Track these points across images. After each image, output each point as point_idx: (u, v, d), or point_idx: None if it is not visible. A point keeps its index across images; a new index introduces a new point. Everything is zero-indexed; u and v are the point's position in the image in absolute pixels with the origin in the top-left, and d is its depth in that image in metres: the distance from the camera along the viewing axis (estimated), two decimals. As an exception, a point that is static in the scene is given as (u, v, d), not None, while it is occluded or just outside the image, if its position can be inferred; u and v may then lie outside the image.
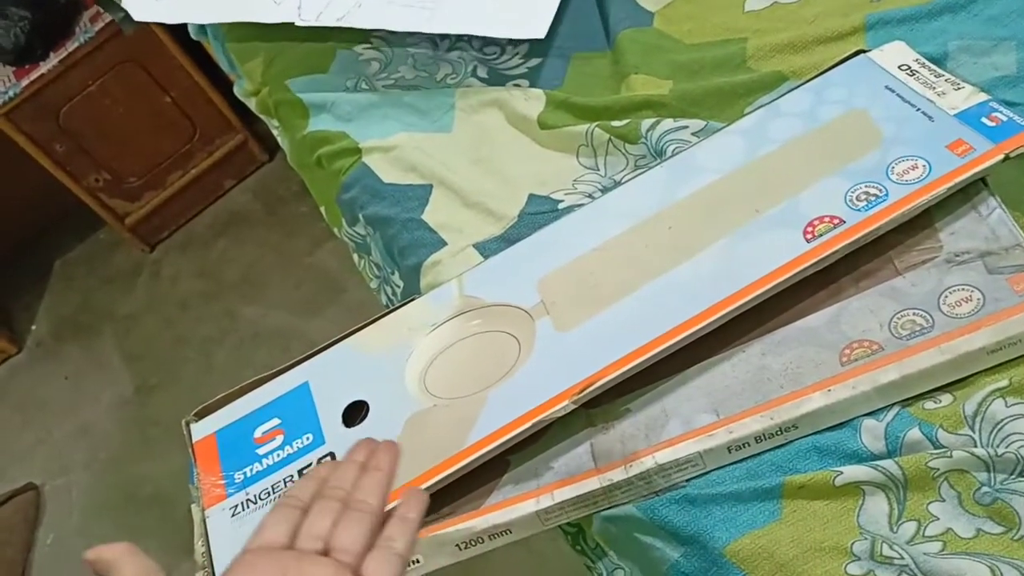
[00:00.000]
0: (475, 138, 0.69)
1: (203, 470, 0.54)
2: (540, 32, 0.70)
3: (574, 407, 0.48)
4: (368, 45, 0.77)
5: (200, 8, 0.82)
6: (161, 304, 1.64)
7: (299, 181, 1.69)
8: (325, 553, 0.37)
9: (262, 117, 0.90)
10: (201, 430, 0.56)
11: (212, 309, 1.60)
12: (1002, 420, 0.44)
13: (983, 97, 0.51)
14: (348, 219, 0.74)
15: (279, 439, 0.54)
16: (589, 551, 0.58)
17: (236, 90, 0.94)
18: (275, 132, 0.89)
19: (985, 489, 0.43)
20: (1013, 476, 0.42)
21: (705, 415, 0.48)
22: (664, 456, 0.47)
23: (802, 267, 0.48)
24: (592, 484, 0.48)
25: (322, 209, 0.82)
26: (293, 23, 0.77)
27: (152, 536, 1.33)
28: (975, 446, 0.44)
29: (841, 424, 0.47)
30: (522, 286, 0.54)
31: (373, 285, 0.78)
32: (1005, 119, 0.49)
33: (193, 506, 0.56)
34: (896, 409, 0.46)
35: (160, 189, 1.70)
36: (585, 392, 0.48)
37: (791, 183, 0.52)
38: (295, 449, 0.53)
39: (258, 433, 0.54)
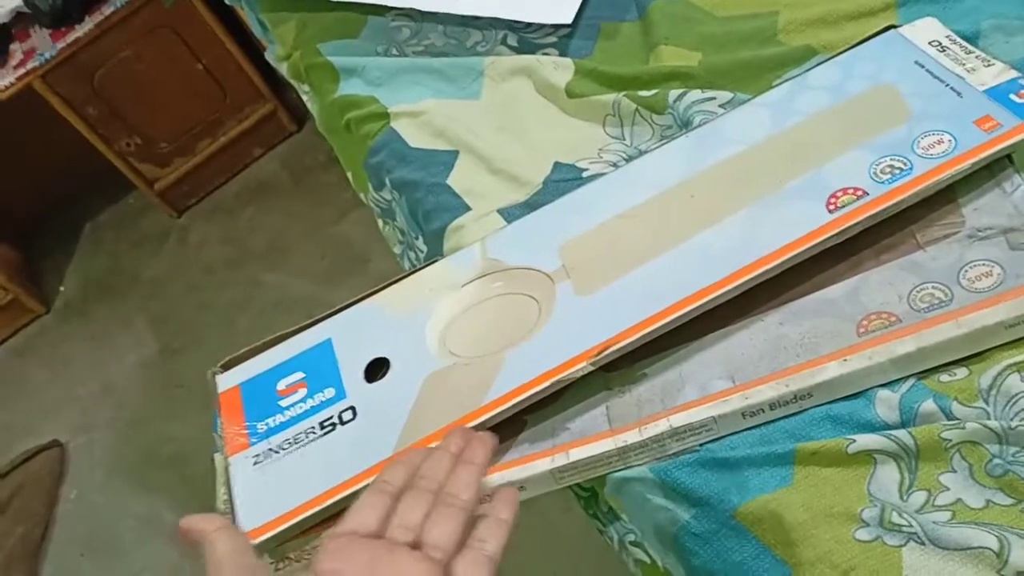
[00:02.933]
0: (503, 106, 0.69)
1: (227, 420, 0.55)
2: (567, 17, 0.70)
3: (592, 369, 0.49)
4: (400, 11, 0.78)
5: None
6: (187, 269, 1.66)
7: (327, 151, 1.73)
8: (415, 545, 0.37)
9: (292, 83, 0.91)
10: (226, 381, 0.58)
11: (237, 276, 1.62)
12: (1017, 394, 0.44)
13: (1013, 74, 0.51)
14: (375, 183, 0.75)
15: (302, 392, 0.55)
16: (601, 515, 0.59)
17: (268, 55, 0.95)
18: (305, 98, 0.90)
19: (997, 461, 0.43)
20: (1026, 449, 0.43)
21: (721, 381, 0.49)
22: (678, 420, 0.48)
23: (823, 237, 0.49)
24: (606, 445, 0.49)
25: (349, 174, 0.83)
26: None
27: (171, 495, 1.36)
28: (988, 419, 0.44)
29: (856, 394, 0.47)
30: (544, 250, 0.55)
31: (397, 251, 0.79)
32: (1034, 96, 0.49)
33: (216, 455, 0.58)
34: (911, 381, 0.46)
35: (190, 155, 1.72)
36: (603, 355, 0.49)
37: (816, 155, 0.52)
38: (317, 402, 0.54)
39: (282, 386, 0.56)
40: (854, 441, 0.45)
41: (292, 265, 1.60)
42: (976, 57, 0.53)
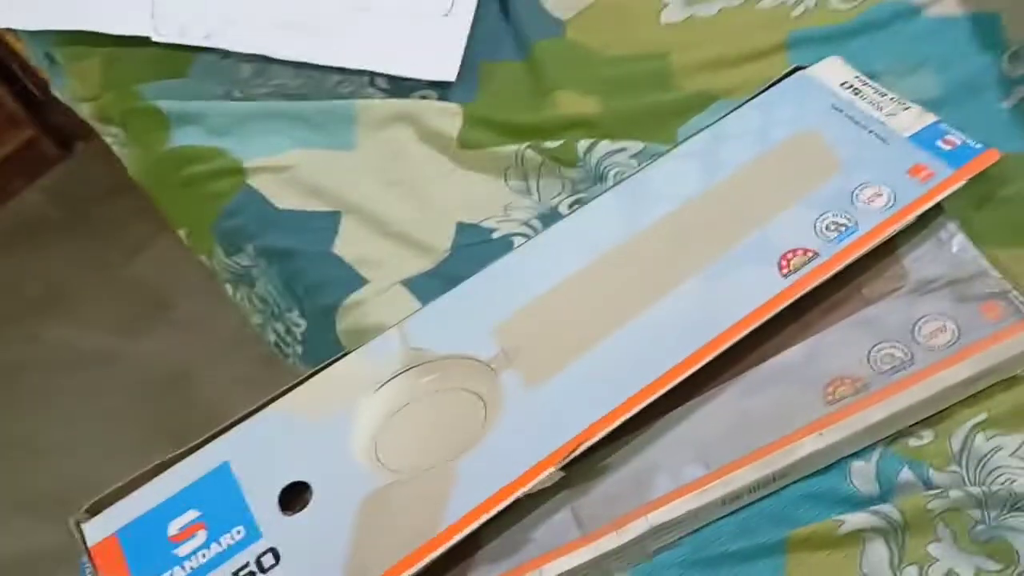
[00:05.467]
0: (385, 157, 0.62)
1: (107, 581, 0.44)
2: (449, 73, 0.63)
3: (562, 475, 0.44)
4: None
5: (25, 11, 0.69)
6: (-58, 330, 1.41)
7: (104, 181, 1.53)
8: None
9: (93, 124, 0.77)
10: (97, 530, 0.46)
11: (9, 333, 1.39)
12: (986, 454, 0.44)
13: (932, 118, 0.52)
14: (227, 249, 0.64)
15: (202, 535, 0.45)
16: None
17: (56, 90, 0.80)
18: (110, 140, 0.77)
19: (980, 527, 0.43)
20: (1006, 511, 0.43)
21: (694, 467, 0.45)
22: (658, 517, 0.44)
23: (782, 305, 0.46)
24: (583, 555, 0.44)
25: (182, 232, 0.71)
26: (148, 37, 0.66)
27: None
28: (965, 484, 0.43)
29: (828, 467, 0.45)
30: (477, 333, 0.49)
31: (256, 320, 0.69)
32: (959, 142, 0.50)
33: (90, 625, 0.46)
34: (879, 448, 0.45)
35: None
36: (570, 456, 0.44)
37: (755, 212, 0.50)
38: (224, 546, 0.44)
39: (173, 530, 0.45)
40: (844, 522, 0.43)
41: (78, 315, 1.40)
42: (891, 100, 0.53)
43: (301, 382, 0.50)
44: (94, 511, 0.47)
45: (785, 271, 0.47)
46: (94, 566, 0.45)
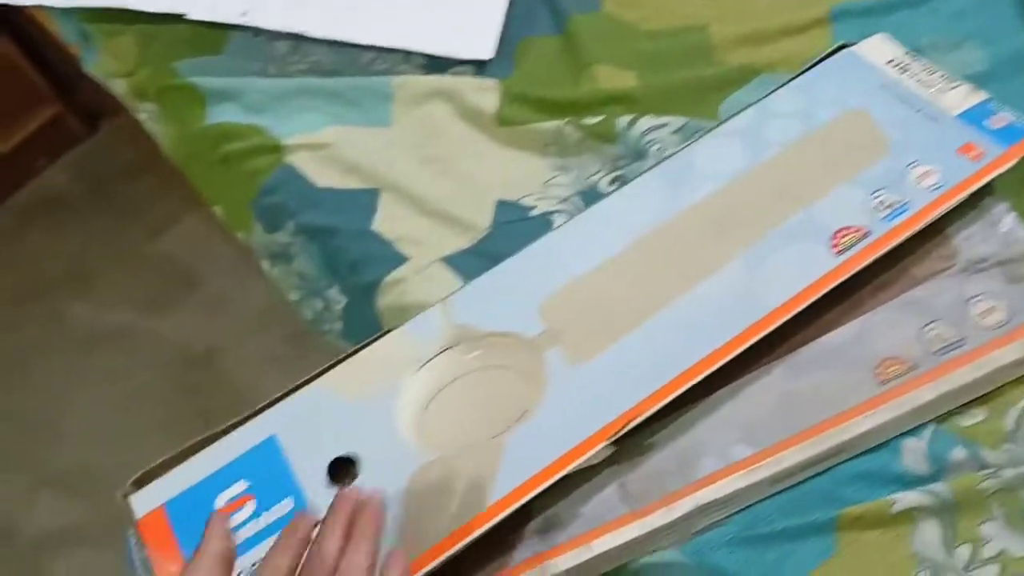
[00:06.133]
0: (421, 134, 0.61)
1: (157, 553, 0.45)
2: (487, 51, 0.63)
3: (612, 451, 0.44)
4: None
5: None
6: (-32, 306, 1.42)
7: (128, 159, 1.53)
8: None
9: (127, 102, 0.77)
10: (144, 502, 0.46)
11: (32, 311, 1.40)
12: (1039, 433, 0.44)
13: (981, 96, 0.51)
14: (266, 226, 0.64)
15: (250, 507, 0.45)
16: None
17: (88, 67, 0.80)
18: (143, 118, 0.77)
19: (1033, 506, 0.42)
20: (1059, 491, 0.42)
21: (741, 447, 0.45)
22: (706, 495, 0.44)
23: (834, 283, 0.46)
24: (632, 531, 0.44)
25: (218, 209, 0.71)
26: (182, 15, 0.66)
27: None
28: (1019, 463, 0.43)
29: (879, 446, 0.45)
30: (521, 311, 0.49)
31: (294, 297, 0.69)
32: (1010, 121, 0.49)
33: (137, 591, 0.47)
34: (932, 427, 0.45)
35: (-42, 171, 1.46)
36: (620, 432, 0.44)
37: (804, 191, 0.49)
38: (274, 517, 0.45)
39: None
40: (896, 501, 0.43)
41: (101, 293, 1.40)
42: (940, 77, 0.52)
43: (345, 359, 0.50)
44: (141, 483, 0.47)
45: (836, 249, 0.47)
46: (142, 538, 0.45)
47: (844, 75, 0.54)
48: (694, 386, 0.45)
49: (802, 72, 0.55)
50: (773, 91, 0.55)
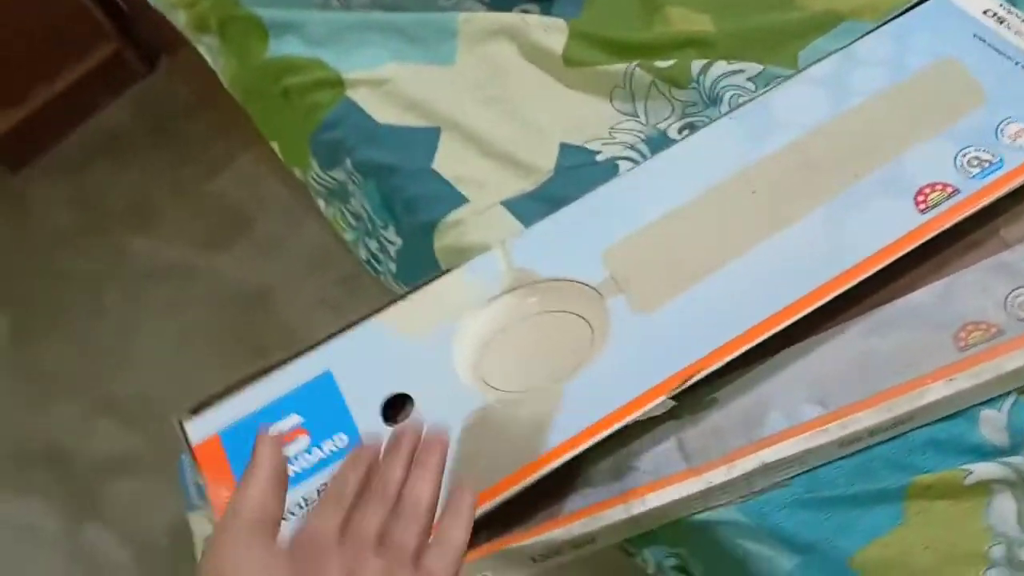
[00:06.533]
0: (485, 73, 0.59)
1: (211, 480, 0.45)
2: None
3: (674, 404, 0.42)
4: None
5: None
6: (32, 237, 1.44)
7: (187, 97, 1.53)
8: (379, 554, 0.36)
9: (188, 33, 0.76)
10: (200, 429, 0.46)
11: (94, 243, 1.42)
12: None
13: (1086, 51, 0.47)
14: (323, 162, 0.63)
15: (304, 440, 0.45)
16: (633, 537, 0.53)
17: (152, -2, 0.80)
18: (202, 49, 0.76)
19: (1118, 483, 0.40)
20: None
21: (810, 407, 0.43)
22: (770, 455, 0.42)
23: (918, 242, 0.44)
24: (691, 486, 0.43)
25: (275, 145, 0.71)
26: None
27: (48, 497, 1.20)
28: (1107, 438, 0.41)
29: (955, 414, 0.43)
30: (584, 258, 0.47)
31: (349, 237, 0.68)
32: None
33: (191, 515, 0.47)
34: (1012, 397, 0.43)
35: (20, 105, 1.48)
36: (684, 386, 0.42)
37: (890, 143, 0.47)
38: (327, 452, 0.44)
39: (275, 434, 0.45)
40: (971, 472, 0.41)
41: (161, 228, 1.42)
42: (1041, 30, 0.49)
43: (403, 297, 0.49)
44: (197, 411, 0.47)
45: (922, 206, 0.44)
46: (197, 464, 0.46)
47: (936, 23, 0.51)
48: (763, 342, 0.44)
49: (891, 19, 0.52)
50: (859, 38, 0.52)
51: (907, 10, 0.52)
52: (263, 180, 1.40)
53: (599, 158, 0.54)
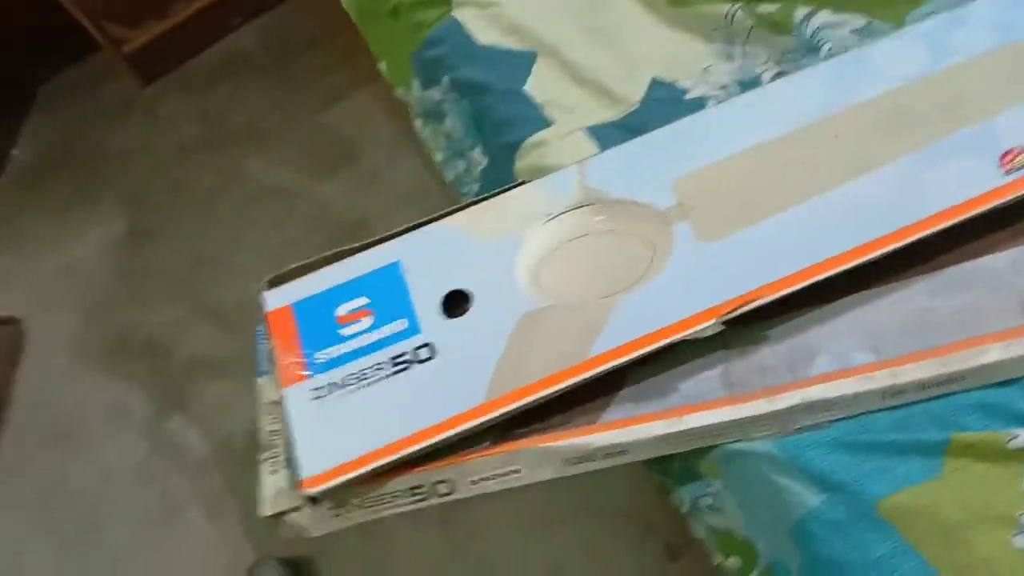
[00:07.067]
0: (589, 4, 0.61)
1: (280, 346, 0.48)
2: None
3: (722, 328, 0.43)
4: None
5: None
6: (158, 145, 1.53)
7: (311, 30, 1.59)
8: None
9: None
10: (275, 299, 0.50)
11: (213, 156, 1.50)
12: None
13: None
14: (424, 80, 0.66)
15: (366, 321, 0.48)
16: (673, 474, 0.54)
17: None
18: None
19: None
20: None
21: (861, 354, 0.43)
22: (814, 393, 0.43)
23: (998, 202, 0.43)
24: (728, 413, 0.43)
25: (383, 64, 0.74)
26: None
27: (141, 385, 1.28)
28: None
29: (1008, 381, 0.42)
30: (655, 184, 0.48)
31: (439, 157, 0.70)
32: None
33: (260, 379, 0.51)
34: (1073, 372, 0.42)
35: (162, 18, 1.56)
36: (735, 313, 0.43)
37: (984, 103, 0.46)
38: (386, 334, 0.47)
39: (342, 311, 0.48)
40: (1016, 436, 0.40)
41: (274, 151, 1.48)
42: None
43: (477, 202, 0.51)
44: (275, 283, 0.50)
45: (1006, 168, 0.43)
46: (269, 330, 0.49)
47: (1057, -9, 0.49)
48: (822, 286, 0.44)
49: (1010, -17, 0.50)
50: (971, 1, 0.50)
51: (1027, -23, 0.50)
52: (371, 117, 1.44)
53: (688, 96, 0.55)
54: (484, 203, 0.51)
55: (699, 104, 0.54)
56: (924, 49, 0.49)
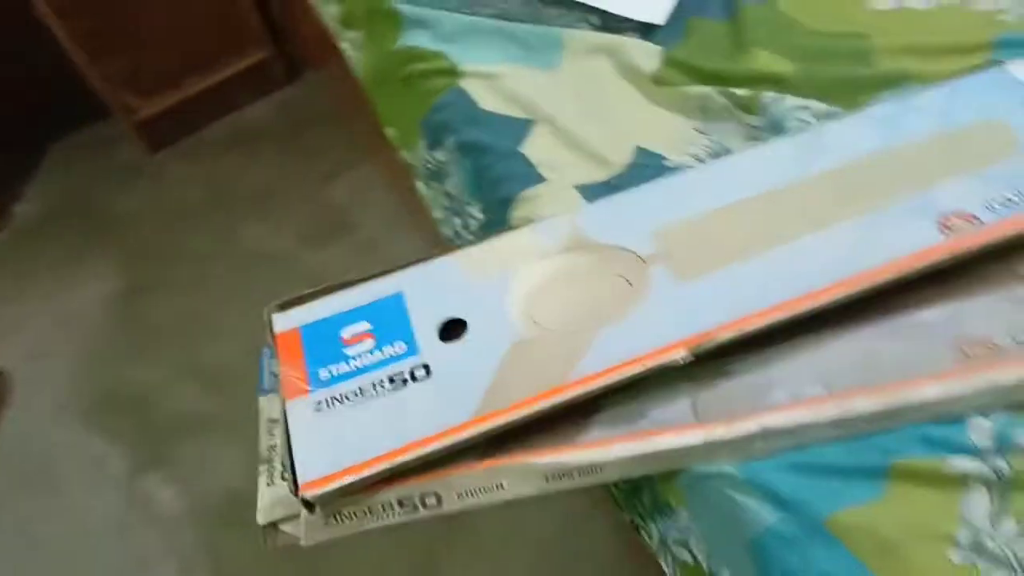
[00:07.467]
0: (582, 82, 0.68)
1: (285, 362, 0.52)
2: (659, 17, 0.69)
3: (691, 359, 0.48)
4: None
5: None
6: (161, 208, 1.59)
7: (321, 107, 1.68)
8: None
9: (334, 28, 0.87)
10: (284, 322, 0.54)
11: (214, 221, 1.56)
12: (1112, 438, 0.45)
13: (1125, 128, 0.52)
14: (430, 142, 0.72)
15: (369, 343, 0.52)
16: (643, 510, 0.58)
17: (310, -5, 0.91)
18: (346, 46, 0.87)
19: (1090, 500, 0.43)
20: (1121, 491, 0.43)
21: (813, 387, 0.48)
22: (770, 421, 0.47)
23: (935, 259, 0.48)
24: (693, 438, 0.48)
25: (391, 130, 0.80)
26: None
27: (125, 440, 1.30)
28: (1085, 459, 0.44)
29: (946, 420, 0.47)
30: (637, 233, 0.54)
31: (438, 215, 0.76)
32: None
33: (262, 398, 0.55)
34: (1004, 412, 0.46)
35: (176, 90, 1.64)
36: (704, 345, 0.48)
37: (926, 176, 0.52)
38: (386, 355, 0.51)
39: (346, 334, 0.53)
40: (950, 463, 0.45)
41: (274, 219, 1.54)
42: (1087, 104, 0.54)
43: (474, 243, 0.56)
44: (284, 307, 0.55)
45: (944, 230, 0.49)
46: (276, 349, 0.53)
47: (992, 87, 0.56)
48: (781, 328, 0.49)
49: (952, 79, 0.58)
50: (920, 89, 0.58)
51: (969, 73, 0.58)
52: (372, 190, 1.52)
53: (668, 163, 0.61)
54: (481, 244, 0.56)
55: (678, 170, 0.60)
56: (876, 129, 0.55)
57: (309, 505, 0.48)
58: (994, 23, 0.63)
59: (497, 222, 0.64)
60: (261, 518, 0.51)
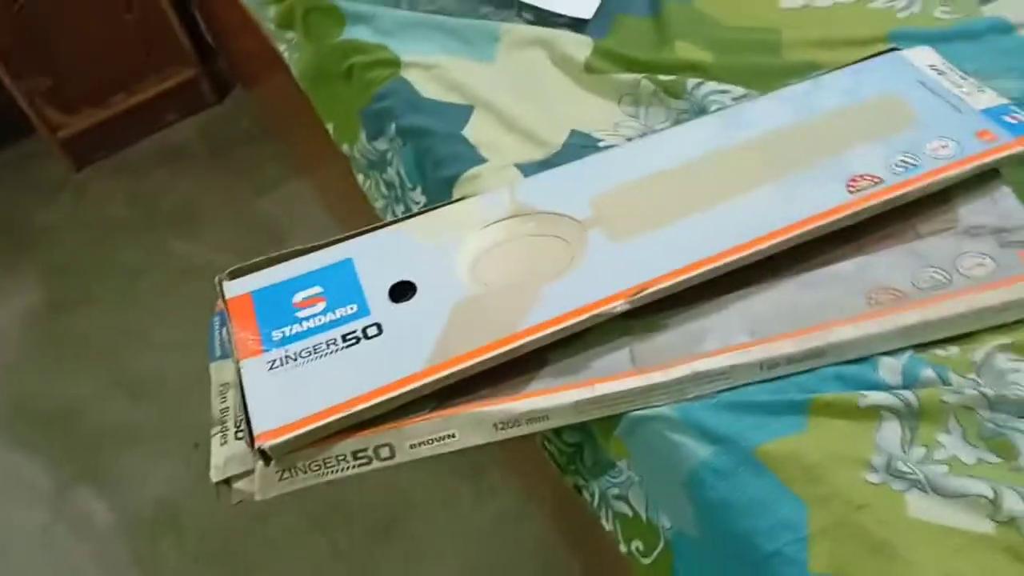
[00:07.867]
0: (518, 72, 0.71)
1: (238, 325, 0.54)
2: (588, 13, 0.73)
3: (628, 307, 0.51)
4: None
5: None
6: (85, 224, 1.57)
7: (248, 126, 1.68)
8: None
9: (271, 30, 0.89)
10: (235, 288, 0.56)
11: (141, 238, 1.54)
12: (1005, 370, 0.50)
13: (1004, 101, 0.58)
14: (370, 132, 0.75)
15: (320, 305, 0.54)
16: (584, 471, 0.60)
17: None
18: (283, 48, 0.89)
19: (989, 425, 0.48)
20: (1014, 415, 0.48)
21: (741, 335, 0.52)
22: (701, 365, 0.51)
23: (843, 215, 0.53)
24: (632, 383, 0.51)
25: (330, 125, 0.82)
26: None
27: (44, 455, 1.26)
28: (982, 389, 0.49)
29: (861, 359, 0.51)
30: (574, 200, 0.57)
31: (379, 205, 0.78)
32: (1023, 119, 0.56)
33: (213, 364, 0.56)
34: (910, 352, 0.51)
35: (100, 108, 1.63)
36: (640, 295, 0.51)
37: (836, 144, 0.57)
38: (338, 316, 0.53)
39: (298, 298, 0.55)
40: (864, 397, 0.49)
41: (202, 235, 1.54)
42: (971, 83, 0.60)
43: (422, 212, 0.59)
44: (235, 275, 0.56)
45: (851, 189, 0.54)
46: (228, 314, 0.55)
47: (889, 69, 0.62)
48: (711, 284, 0.53)
49: (854, 63, 0.63)
50: (827, 71, 0.63)
51: (868, 58, 0.64)
52: (304, 205, 1.52)
53: (601, 144, 0.65)
54: (429, 213, 0.59)
55: (620, 145, 0.64)
56: (790, 105, 0.61)
57: (265, 457, 0.49)
58: (889, 18, 0.70)
59: (439, 202, 0.67)
60: (215, 475, 0.51)
